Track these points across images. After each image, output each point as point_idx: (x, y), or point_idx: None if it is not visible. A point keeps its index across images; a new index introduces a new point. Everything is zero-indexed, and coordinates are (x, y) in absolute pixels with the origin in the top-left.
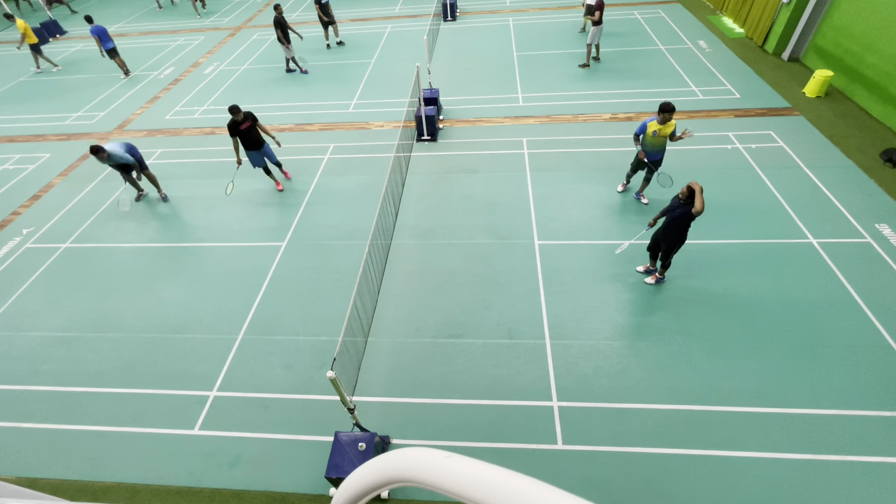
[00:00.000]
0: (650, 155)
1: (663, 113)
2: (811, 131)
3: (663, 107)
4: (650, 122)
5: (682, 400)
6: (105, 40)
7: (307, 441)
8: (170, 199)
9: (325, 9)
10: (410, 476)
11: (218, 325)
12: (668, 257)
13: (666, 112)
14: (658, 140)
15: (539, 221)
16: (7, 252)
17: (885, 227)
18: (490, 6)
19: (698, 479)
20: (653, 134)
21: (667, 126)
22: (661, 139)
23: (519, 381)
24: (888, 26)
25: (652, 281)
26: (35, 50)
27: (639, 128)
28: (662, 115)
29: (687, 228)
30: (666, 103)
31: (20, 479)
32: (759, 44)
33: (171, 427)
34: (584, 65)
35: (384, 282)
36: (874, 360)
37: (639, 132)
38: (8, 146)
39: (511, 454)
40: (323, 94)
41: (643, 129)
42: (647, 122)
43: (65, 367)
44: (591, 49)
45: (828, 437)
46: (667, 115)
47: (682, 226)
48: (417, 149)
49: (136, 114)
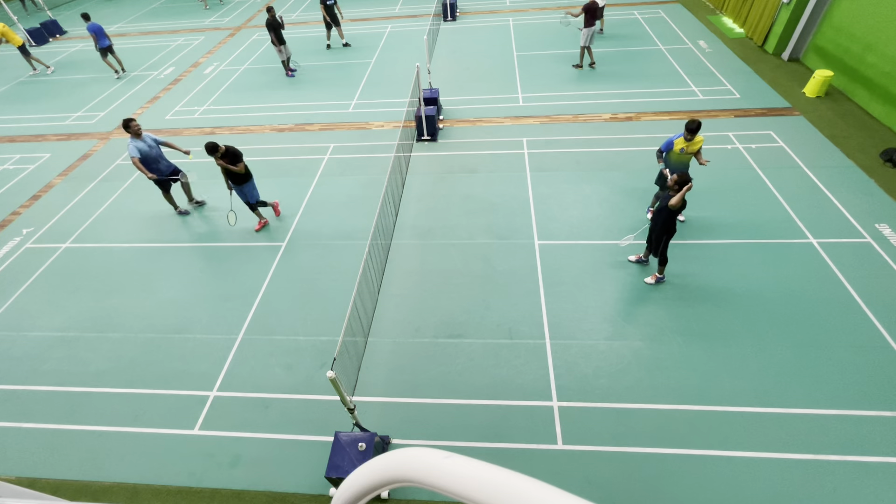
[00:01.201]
0: (674, 171)
1: (691, 132)
2: (811, 131)
3: (691, 126)
4: (677, 139)
5: (682, 400)
6: (101, 38)
7: (307, 441)
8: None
9: (330, 10)
10: (410, 476)
11: (218, 325)
12: (658, 249)
13: (693, 132)
14: (685, 157)
15: (539, 221)
16: (7, 252)
17: (885, 227)
18: (490, 6)
19: (698, 479)
20: (680, 151)
21: (693, 143)
22: (687, 157)
23: (519, 381)
24: (888, 26)
25: (652, 280)
26: (23, 52)
27: (664, 144)
28: (689, 133)
29: (672, 220)
30: (693, 121)
31: (20, 479)
32: (759, 44)
33: (171, 427)
34: (577, 65)
35: (384, 282)
36: (874, 360)
37: (664, 149)
38: (8, 146)
39: (511, 454)
40: (323, 94)
41: (669, 147)
42: (674, 139)
43: (65, 367)
44: (584, 51)
45: (827, 437)
46: (694, 133)
47: (667, 216)
48: (417, 149)
49: (136, 114)
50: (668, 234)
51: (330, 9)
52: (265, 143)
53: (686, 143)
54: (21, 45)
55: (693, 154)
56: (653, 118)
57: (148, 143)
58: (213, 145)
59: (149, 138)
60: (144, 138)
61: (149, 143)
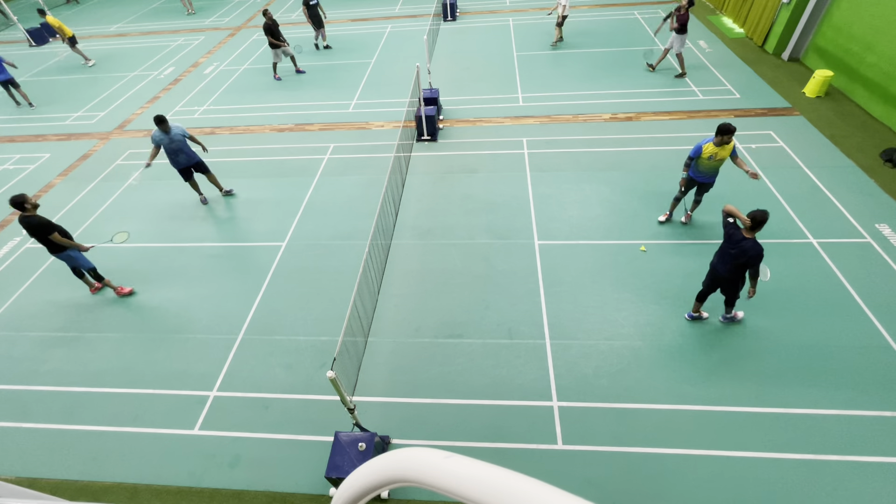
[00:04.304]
0: (702, 177)
1: (722, 135)
2: (811, 131)
3: (722, 128)
4: (706, 143)
5: (682, 400)
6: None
7: (307, 441)
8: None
9: (313, 10)
10: (410, 476)
11: (218, 325)
12: (734, 295)
13: (725, 134)
14: (714, 164)
15: (539, 221)
16: (7, 252)
17: (885, 227)
18: (490, 6)
19: (698, 479)
20: (709, 158)
21: (724, 149)
22: (717, 163)
23: (519, 381)
24: (888, 26)
25: (733, 316)
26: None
27: (693, 150)
28: (721, 136)
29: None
30: (726, 125)
31: (20, 479)
32: (759, 44)
33: (171, 427)
34: (650, 65)
35: (384, 282)
36: (874, 360)
37: (693, 155)
38: (8, 146)
39: (511, 454)
40: (323, 94)
41: (698, 152)
42: (703, 143)
43: (65, 367)
44: (668, 55)
45: (827, 437)
46: (726, 136)
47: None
48: (417, 149)
49: (135, 114)
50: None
51: (313, 9)
52: (265, 143)
53: (716, 148)
54: (71, 36)
55: (724, 159)
56: (653, 118)
57: (171, 136)
58: (19, 200)
59: (177, 130)
60: (171, 130)
61: (172, 136)
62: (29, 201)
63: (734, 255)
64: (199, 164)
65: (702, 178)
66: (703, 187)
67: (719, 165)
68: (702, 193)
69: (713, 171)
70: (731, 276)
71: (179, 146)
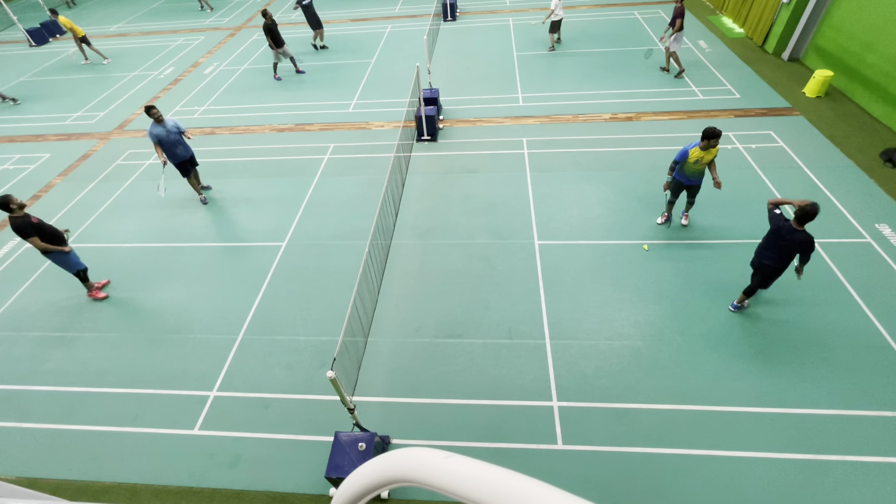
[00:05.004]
0: (688, 180)
1: (708, 139)
2: (811, 131)
3: (708, 133)
4: (692, 148)
5: (682, 400)
6: None
7: (307, 441)
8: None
9: (308, 9)
10: (410, 476)
11: (218, 325)
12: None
13: (711, 138)
14: (699, 167)
15: (539, 221)
16: (7, 252)
17: (885, 227)
18: (490, 6)
19: (698, 479)
20: (695, 162)
21: (709, 152)
22: (702, 167)
23: (519, 381)
24: (888, 26)
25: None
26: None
27: (679, 154)
28: (707, 141)
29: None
30: (711, 129)
31: (20, 479)
32: (759, 44)
33: (171, 427)
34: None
35: (384, 282)
36: (874, 360)
37: (679, 159)
38: (8, 146)
39: (511, 454)
40: (323, 94)
41: (684, 157)
42: (689, 148)
43: (65, 366)
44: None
45: (827, 437)
46: (712, 140)
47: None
48: (417, 149)
49: (135, 114)
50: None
51: (307, 8)
52: (265, 143)
53: (702, 152)
54: (83, 35)
55: (706, 165)
56: (653, 118)
57: (167, 129)
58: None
59: (171, 124)
60: (166, 123)
61: (168, 129)
62: (14, 202)
63: (786, 247)
64: (192, 157)
65: (688, 181)
66: (691, 189)
67: (703, 169)
68: (693, 195)
69: (699, 174)
70: (776, 266)
71: (177, 139)
